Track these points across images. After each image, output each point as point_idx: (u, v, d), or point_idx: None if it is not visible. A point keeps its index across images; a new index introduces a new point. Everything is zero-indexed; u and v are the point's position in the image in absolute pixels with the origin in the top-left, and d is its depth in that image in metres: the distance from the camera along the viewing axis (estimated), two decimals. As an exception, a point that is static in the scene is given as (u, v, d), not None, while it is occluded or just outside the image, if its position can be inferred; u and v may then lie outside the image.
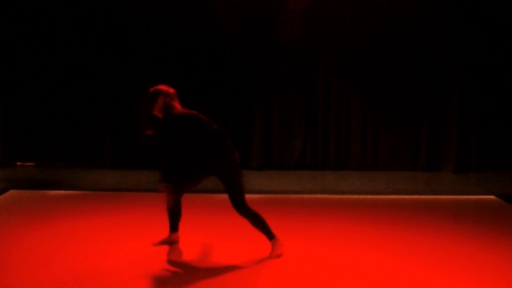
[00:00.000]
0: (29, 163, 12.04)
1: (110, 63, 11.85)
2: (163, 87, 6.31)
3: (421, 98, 11.79)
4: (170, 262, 5.66)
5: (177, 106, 6.24)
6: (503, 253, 6.04)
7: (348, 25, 11.87)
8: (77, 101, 11.92)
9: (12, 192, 9.08)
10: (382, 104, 11.84)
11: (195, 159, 6.04)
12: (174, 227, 6.34)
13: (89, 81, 11.89)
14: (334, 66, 11.94)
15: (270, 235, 5.97)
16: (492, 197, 9.03)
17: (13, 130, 11.92)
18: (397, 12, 11.66)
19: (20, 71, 11.87)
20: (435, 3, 11.65)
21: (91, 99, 11.95)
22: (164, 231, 6.74)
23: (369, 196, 9.16)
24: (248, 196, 8.48)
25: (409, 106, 11.84)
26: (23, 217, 7.43)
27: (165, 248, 6.11)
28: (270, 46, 11.90)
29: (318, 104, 12.00)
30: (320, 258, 5.82)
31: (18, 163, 12.02)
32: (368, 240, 6.51)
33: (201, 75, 11.84)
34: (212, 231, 6.86)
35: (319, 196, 9.15)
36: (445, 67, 11.73)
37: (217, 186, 6.16)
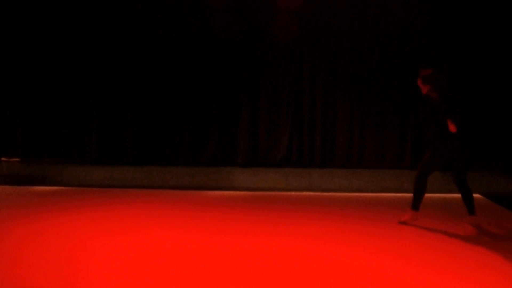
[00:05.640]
0: (14, 159, 11.97)
1: (96, 59, 11.79)
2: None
3: (407, 97, 11.81)
4: (156, 258, 5.64)
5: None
6: (488, 251, 6.06)
7: (336, 25, 11.88)
8: (62, 96, 11.87)
9: (-3, 188, 9.04)
10: (369, 103, 11.86)
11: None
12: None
13: (75, 76, 11.84)
14: (321, 65, 11.96)
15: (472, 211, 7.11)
16: (477, 195, 9.05)
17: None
18: (384, 13, 11.69)
19: (5, 67, 11.80)
20: (421, 5, 11.68)
21: (76, 94, 11.90)
22: (149, 227, 6.71)
23: (355, 194, 9.16)
24: (233, 193, 8.54)
25: (395, 105, 11.86)
26: (7, 213, 7.38)
27: (151, 244, 6.07)
28: (257, 44, 11.90)
29: (305, 102, 12.01)
30: (305, 255, 5.81)
31: (3, 158, 11.94)
32: (354, 237, 6.51)
33: (189, 72, 11.83)
34: (197, 227, 6.83)
35: (305, 193, 9.15)
36: (431, 67, 11.72)
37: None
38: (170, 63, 11.80)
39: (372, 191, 9.42)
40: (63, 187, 9.27)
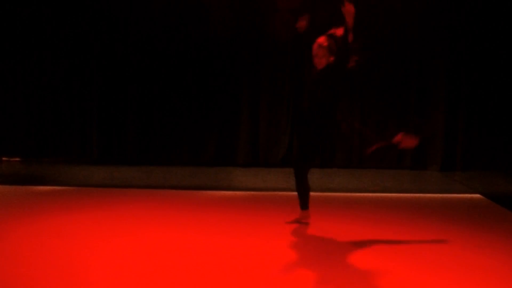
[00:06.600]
0: (15, 158, 11.97)
1: (96, 59, 11.79)
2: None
3: (407, 97, 11.80)
4: (156, 258, 5.63)
5: None
6: (488, 251, 6.06)
7: (336, 23, 11.85)
8: (63, 95, 11.87)
9: (-3, 188, 9.04)
10: (369, 102, 11.84)
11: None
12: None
13: (75, 75, 11.84)
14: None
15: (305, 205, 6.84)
16: (477, 195, 9.05)
17: (-2, 125, 11.88)
18: (386, 12, 11.66)
19: (5, 67, 11.81)
20: (422, 5, 11.68)
21: (76, 93, 11.90)
22: (149, 227, 6.72)
23: (355, 194, 9.15)
24: (233, 193, 8.51)
25: (396, 105, 11.84)
26: (7, 213, 7.38)
27: (151, 244, 6.07)
28: (257, 42, 11.88)
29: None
30: (305, 255, 5.82)
31: (3, 158, 11.94)
32: (354, 238, 6.50)
33: (188, 71, 11.82)
34: (197, 227, 6.83)
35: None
36: (432, 67, 11.74)
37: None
38: (170, 63, 11.78)
39: (372, 191, 9.41)
40: (63, 187, 9.26)
